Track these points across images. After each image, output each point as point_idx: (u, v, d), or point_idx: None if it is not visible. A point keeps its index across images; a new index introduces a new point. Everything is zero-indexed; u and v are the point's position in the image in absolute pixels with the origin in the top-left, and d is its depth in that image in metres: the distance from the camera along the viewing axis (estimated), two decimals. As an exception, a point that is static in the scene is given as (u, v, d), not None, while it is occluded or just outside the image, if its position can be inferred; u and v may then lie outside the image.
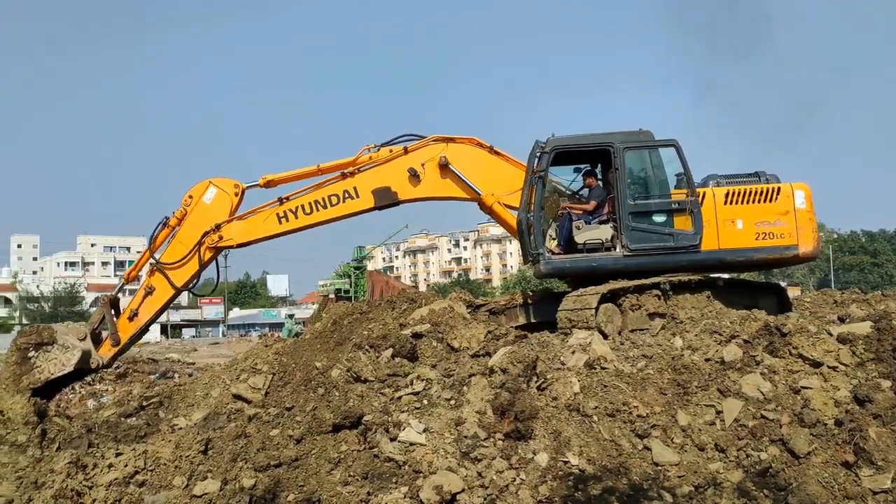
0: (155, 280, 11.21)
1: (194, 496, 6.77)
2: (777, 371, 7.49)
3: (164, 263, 11.14)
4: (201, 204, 11.32)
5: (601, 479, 6.39)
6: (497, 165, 11.56)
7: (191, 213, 11.31)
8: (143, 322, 11.18)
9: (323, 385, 8.44)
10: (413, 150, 11.43)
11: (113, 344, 10.98)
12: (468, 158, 11.49)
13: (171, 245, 11.32)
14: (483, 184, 11.38)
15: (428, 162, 11.36)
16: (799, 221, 10.25)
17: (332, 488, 6.55)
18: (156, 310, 11.28)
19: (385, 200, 11.39)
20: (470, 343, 9.09)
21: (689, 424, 7.02)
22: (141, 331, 11.24)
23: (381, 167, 11.39)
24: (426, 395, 7.70)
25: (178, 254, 11.15)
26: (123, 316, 11.17)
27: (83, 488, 6.94)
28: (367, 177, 11.38)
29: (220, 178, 11.54)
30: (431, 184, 11.48)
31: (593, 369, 7.89)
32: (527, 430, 6.91)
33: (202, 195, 11.35)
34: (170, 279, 11.15)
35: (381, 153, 11.50)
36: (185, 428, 8.78)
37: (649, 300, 9.73)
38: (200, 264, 11.17)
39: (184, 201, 11.40)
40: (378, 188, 11.32)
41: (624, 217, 10.17)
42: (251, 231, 11.42)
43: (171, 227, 11.39)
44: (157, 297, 11.22)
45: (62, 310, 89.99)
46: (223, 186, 11.44)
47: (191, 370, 19.27)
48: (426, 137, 11.52)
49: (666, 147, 10.37)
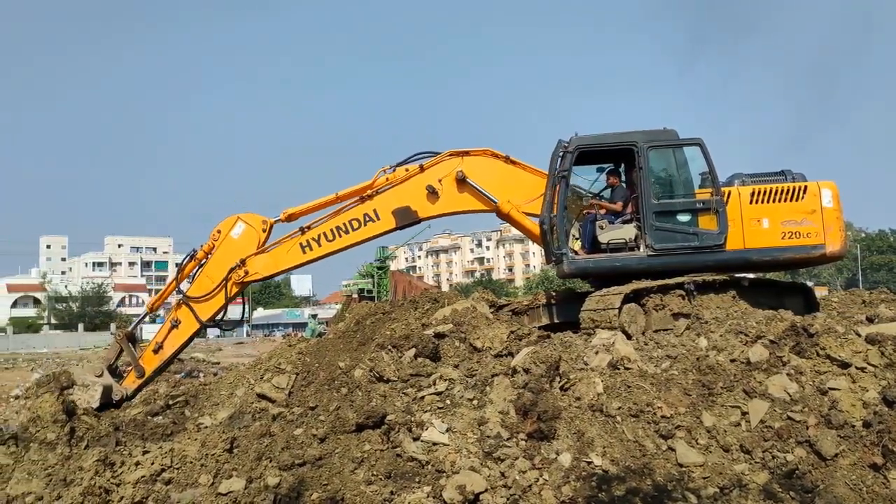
0: (181, 314, 11.33)
1: (219, 494, 6.83)
2: (804, 372, 7.41)
3: (191, 298, 11.26)
4: (229, 239, 11.41)
5: (625, 479, 6.36)
6: (514, 174, 11.53)
7: (219, 248, 11.41)
8: (167, 355, 11.30)
9: (346, 385, 8.48)
10: (429, 167, 11.44)
11: (137, 376, 11.13)
12: (485, 170, 11.48)
13: (197, 279, 11.45)
14: (501, 194, 11.36)
15: (445, 177, 11.35)
16: (826, 220, 10.12)
17: (356, 487, 6.58)
18: (181, 343, 11.41)
19: (406, 220, 11.40)
20: (493, 343, 9.08)
21: (714, 425, 6.96)
22: (165, 363, 11.36)
23: (399, 187, 11.41)
24: (449, 395, 7.71)
25: (205, 288, 11.25)
26: (149, 349, 11.33)
27: (111, 485, 7.04)
28: (386, 198, 11.40)
29: (248, 214, 11.65)
30: (450, 199, 11.47)
31: (617, 370, 7.85)
32: (550, 431, 6.89)
33: (230, 230, 11.45)
34: (196, 313, 11.25)
35: (397, 173, 11.52)
36: (211, 426, 8.87)
37: (673, 300, 9.65)
38: (226, 299, 11.27)
39: (212, 236, 11.51)
40: (398, 208, 11.33)
41: (648, 216, 10.10)
42: (276, 263, 11.50)
43: (199, 261, 11.53)
44: (182, 331, 11.34)
45: (90, 310, 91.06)
46: (251, 222, 11.53)
47: (216, 370, 19.46)
48: (441, 153, 11.52)
49: (690, 146, 10.29)
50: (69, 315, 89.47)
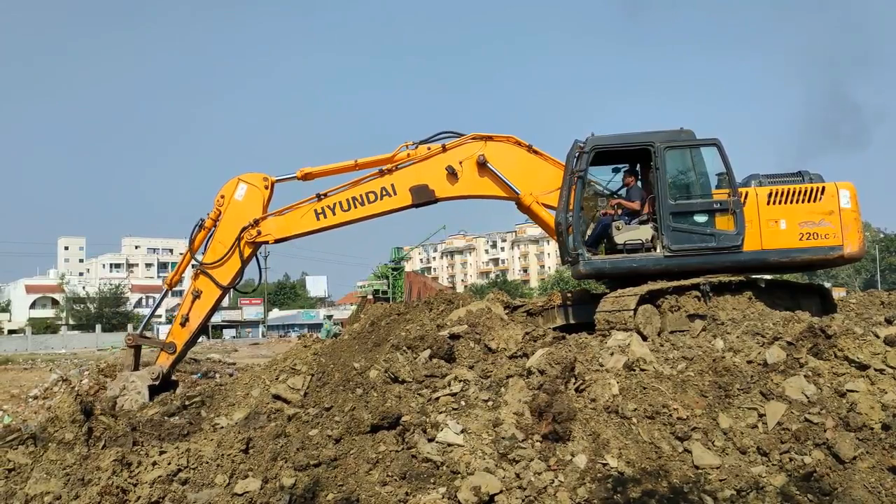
0: (200, 283, 11.40)
1: (235, 494, 6.86)
2: (822, 374, 7.35)
3: (207, 264, 11.32)
4: (234, 202, 11.46)
5: (640, 481, 6.33)
6: (536, 164, 11.51)
7: (225, 213, 11.47)
8: (195, 326, 11.42)
9: (361, 385, 8.49)
10: (451, 148, 11.43)
11: (169, 353, 11.26)
12: (507, 157, 11.46)
13: (210, 246, 11.50)
14: (521, 183, 11.33)
15: (466, 160, 11.34)
16: (844, 221, 10.06)
17: (371, 488, 6.59)
18: (206, 312, 11.50)
19: (422, 198, 11.39)
20: (507, 344, 9.07)
21: (730, 427, 6.92)
22: (194, 336, 11.49)
23: (419, 165, 11.41)
24: (464, 396, 7.71)
25: (219, 253, 11.32)
26: (175, 323, 11.45)
27: (128, 485, 7.08)
28: (405, 174, 11.40)
29: (248, 174, 11.68)
30: (469, 182, 11.46)
31: (632, 371, 7.81)
32: (565, 432, 6.87)
33: (233, 193, 11.50)
34: (214, 279, 11.33)
35: (419, 150, 11.52)
36: (227, 427, 8.90)
37: (689, 301, 9.61)
38: (241, 261, 11.33)
39: (216, 202, 11.57)
40: (416, 186, 11.33)
41: (665, 217, 10.06)
42: (288, 227, 11.52)
43: (208, 229, 11.57)
44: (205, 300, 11.42)
45: (107, 310, 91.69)
46: (253, 181, 11.57)
47: (231, 370, 19.49)
48: (465, 136, 11.50)
49: (707, 146, 10.24)
50: (87, 316, 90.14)
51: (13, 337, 70.41)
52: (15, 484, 7.67)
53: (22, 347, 56.66)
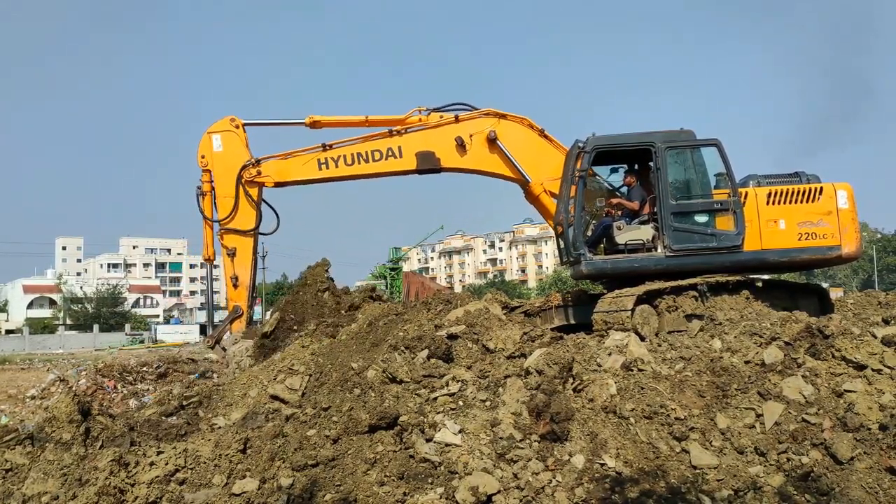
0: (228, 240, 11.48)
1: (233, 494, 6.85)
2: (819, 374, 7.35)
3: (224, 220, 11.40)
4: (216, 155, 11.50)
5: (638, 481, 6.33)
6: (545, 149, 11.48)
7: (214, 169, 11.52)
8: (246, 280, 11.68)
9: (359, 386, 8.48)
10: (463, 120, 11.38)
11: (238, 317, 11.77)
12: (517, 137, 11.41)
13: (218, 204, 11.58)
14: (530, 167, 11.29)
15: (476, 134, 11.30)
16: (842, 221, 10.10)
17: (369, 488, 6.58)
18: (248, 264, 11.73)
19: (427, 165, 11.35)
20: (505, 344, 9.07)
21: (728, 427, 6.92)
22: (250, 291, 11.71)
23: (429, 131, 11.37)
24: (462, 397, 7.71)
25: (228, 207, 11.43)
26: (228, 288, 11.60)
27: (125, 485, 7.06)
28: (414, 138, 11.35)
29: (215, 124, 11.75)
30: (477, 156, 11.42)
31: (630, 371, 7.82)
32: (563, 432, 6.87)
33: (211, 148, 11.51)
34: (237, 230, 11.39)
35: (431, 117, 11.48)
36: (225, 427, 8.89)
37: (686, 301, 9.62)
38: (252, 203, 11.37)
39: (200, 163, 11.59)
40: (422, 151, 11.29)
41: (666, 217, 10.08)
42: (289, 171, 11.52)
43: (207, 193, 11.61)
44: (241, 254, 11.55)
45: (105, 310, 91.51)
46: (221, 128, 11.61)
47: (229, 370, 19.47)
48: (479, 109, 11.45)
49: (708, 146, 10.26)
50: (84, 316, 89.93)
51: (10, 337, 70.21)
52: (12, 484, 7.65)
53: (19, 347, 56.54)
